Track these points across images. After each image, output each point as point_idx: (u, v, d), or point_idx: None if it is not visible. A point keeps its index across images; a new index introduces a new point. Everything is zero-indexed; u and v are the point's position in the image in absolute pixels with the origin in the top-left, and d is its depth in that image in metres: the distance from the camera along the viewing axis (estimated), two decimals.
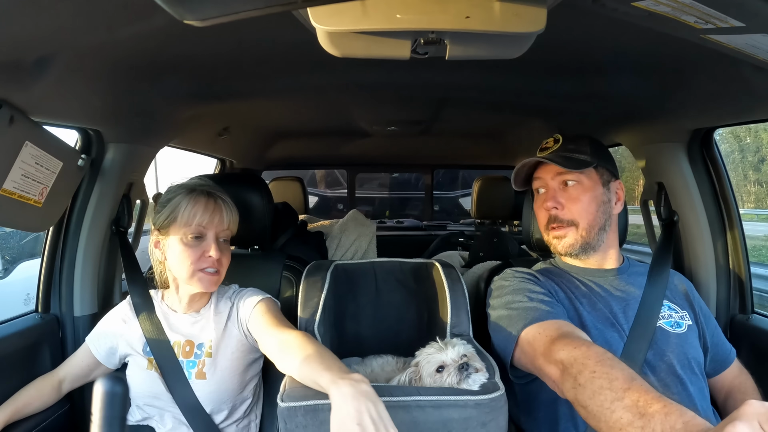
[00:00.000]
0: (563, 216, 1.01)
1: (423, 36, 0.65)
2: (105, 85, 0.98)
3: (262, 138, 2.36)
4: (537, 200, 1.06)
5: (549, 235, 1.04)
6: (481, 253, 1.81)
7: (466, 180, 3.83)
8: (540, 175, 1.04)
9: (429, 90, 1.38)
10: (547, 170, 1.03)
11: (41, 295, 1.21)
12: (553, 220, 1.02)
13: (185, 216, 0.98)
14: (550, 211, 1.02)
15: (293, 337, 0.88)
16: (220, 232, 1.02)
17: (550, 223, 1.02)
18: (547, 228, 1.04)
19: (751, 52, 0.69)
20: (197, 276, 0.99)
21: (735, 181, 1.39)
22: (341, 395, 0.67)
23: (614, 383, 0.63)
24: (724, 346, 1.07)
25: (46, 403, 1.04)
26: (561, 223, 1.01)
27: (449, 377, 0.82)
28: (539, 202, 1.05)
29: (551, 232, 1.03)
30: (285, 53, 1.03)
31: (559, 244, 1.03)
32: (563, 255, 1.05)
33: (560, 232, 1.01)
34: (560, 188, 1.02)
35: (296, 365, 0.80)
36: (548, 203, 1.01)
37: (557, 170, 1.02)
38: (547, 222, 1.03)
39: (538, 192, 1.06)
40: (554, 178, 1.03)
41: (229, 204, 1.04)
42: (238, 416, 1.05)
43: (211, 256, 0.98)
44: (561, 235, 1.02)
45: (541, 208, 1.04)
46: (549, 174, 1.03)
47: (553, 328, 0.84)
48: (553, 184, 1.03)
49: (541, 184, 1.04)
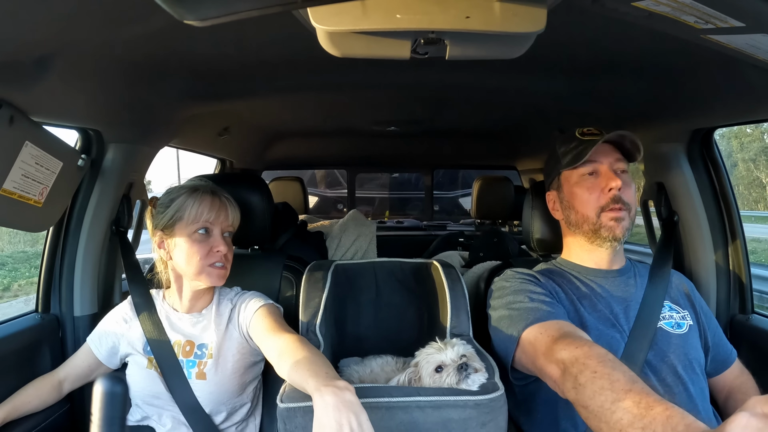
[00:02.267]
0: (624, 198, 1.00)
1: (423, 36, 0.65)
2: (105, 85, 0.98)
3: (262, 138, 2.36)
4: (587, 182, 1.02)
5: (606, 217, 1.00)
6: (481, 253, 1.81)
7: (466, 180, 3.83)
8: (598, 158, 1.01)
9: (429, 90, 1.38)
10: (606, 154, 1.01)
11: (41, 295, 1.20)
12: (617, 200, 0.99)
13: (192, 213, 1.00)
14: (614, 192, 0.99)
15: (288, 342, 0.87)
16: (225, 228, 1.04)
17: (612, 204, 0.99)
18: (605, 209, 1.00)
19: (751, 52, 0.69)
20: (206, 271, 1.01)
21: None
22: (323, 404, 0.66)
23: (615, 384, 0.62)
24: (725, 346, 1.07)
25: (45, 402, 1.04)
26: (623, 205, 0.99)
27: (448, 377, 0.81)
28: (591, 184, 1.01)
29: (610, 214, 0.99)
30: (285, 53, 1.03)
31: (617, 227, 1.00)
32: (616, 241, 1.01)
33: (621, 213, 0.99)
34: (616, 174, 1.01)
35: (287, 370, 0.79)
36: (616, 182, 0.98)
37: (617, 156, 1.01)
38: (606, 203, 1.00)
39: (589, 175, 1.02)
40: (613, 163, 1.01)
41: (232, 202, 1.07)
42: (238, 419, 1.05)
43: (219, 251, 1.01)
44: (621, 217, 0.99)
45: (596, 191, 1.01)
46: (609, 158, 1.01)
47: (555, 328, 0.84)
48: (609, 169, 1.01)
49: (595, 168, 1.02)
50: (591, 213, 1.01)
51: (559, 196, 1.09)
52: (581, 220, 1.03)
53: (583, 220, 1.02)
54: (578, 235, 1.06)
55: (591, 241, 1.04)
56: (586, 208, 1.02)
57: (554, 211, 1.12)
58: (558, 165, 1.07)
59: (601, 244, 1.03)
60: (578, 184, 1.03)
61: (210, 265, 1.01)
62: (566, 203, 1.06)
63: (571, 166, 1.02)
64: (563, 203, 1.08)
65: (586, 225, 1.02)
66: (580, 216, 1.03)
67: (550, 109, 1.66)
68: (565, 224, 1.10)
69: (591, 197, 1.01)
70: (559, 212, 1.10)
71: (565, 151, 1.05)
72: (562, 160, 1.05)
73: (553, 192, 1.12)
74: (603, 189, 1.00)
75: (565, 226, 1.11)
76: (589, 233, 1.03)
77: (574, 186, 1.04)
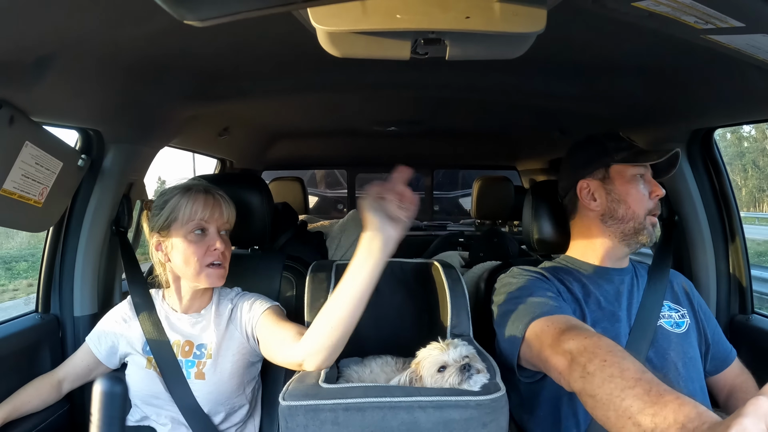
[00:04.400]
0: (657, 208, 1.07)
1: (423, 36, 0.65)
2: (105, 85, 0.98)
3: (262, 138, 2.36)
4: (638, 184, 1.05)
5: (650, 221, 1.05)
6: (481, 254, 1.82)
7: (466, 180, 3.83)
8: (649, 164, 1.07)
9: (429, 90, 1.38)
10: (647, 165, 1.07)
11: (41, 295, 1.20)
12: (658, 208, 1.07)
13: (186, 213, 0.99)
14: (657, 198, 1.06)
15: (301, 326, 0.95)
16: (221, 226, 1.04)
17: (654, 210, 1.05)
18: (650, 213, 1.05)
19: (751, 52, 0.69)
20: (205, 272, 1.00)
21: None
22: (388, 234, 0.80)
23: (626, 372, 0.62)
24: (724, 344, 1.07)
25: (45, 402, 1.04)
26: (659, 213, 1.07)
27: (451, 377, 0.81)
28: (642, 186, 1.05)
29: (652, 219, 1.05)
30: (285, 53, 1.03)
31: (654, 231, 1.06)
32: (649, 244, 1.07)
33: (656, 220, 1.07)
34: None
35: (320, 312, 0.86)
36: (661, 191, 1.05)
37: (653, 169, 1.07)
38: (653, 208, 1.05)
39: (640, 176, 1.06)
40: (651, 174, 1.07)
41: (227, 199, 1.06)
42: (237, 420, 1.05)
43: (216, 249, 1.00)
44: (655, 223, 1.06)
45: (646, 193, 1.05)
46: (649, 169, 1.07)
47: (562, 321, 0.84)
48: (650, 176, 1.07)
49: (644, 172, 1.06)
50: (641, 212, 1.03)
51: (604, 187, 1.06)
52: (630, 216, 1.04)
53: (632, 217, 1.04)
54: (612, 230, 1.05)
55: (624, 238, 1.05)
56: (639, 206, 1.03)
57: (589, 200, 1.07)
58: (606, 157, 1.06)
59: (629, 244, 1.05)
60: (633, 182, 1.05)
61: (208, 265, 1.00)
62: (616, 196, 1.05)
63: (632, 163, 1.05)
64: (611, 195, 1.05)
65: (632, 222, 1.04)
66: (630, 212, 1.04)
67: (550, 109, 1.66)
68: (600, 216, 1.06)
69: (644, 197, 1.05)
70: (598, 203, 1.06)
71: (617, 147, 1.06)
72: (614, 154, 1.06)
73: (594, 181, 1.07)
74: (650, 193, 1.05)
75: (594, 218, 1.07)
76: (630, 231, 1.04)
77: (629, 182, 1.05)
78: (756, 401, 0.44)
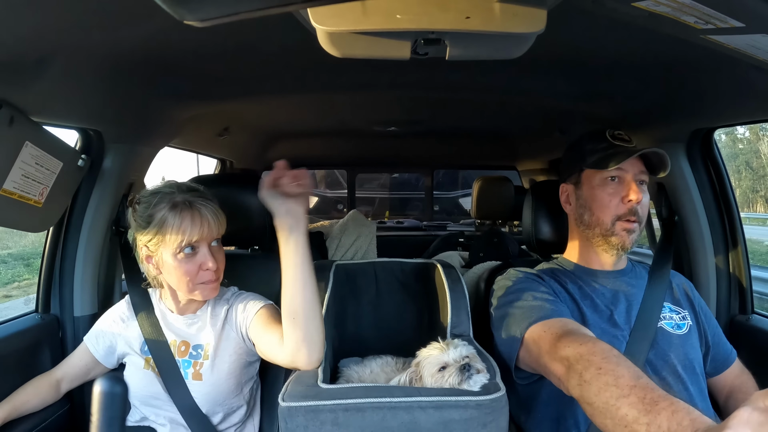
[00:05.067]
0: (640, 211, 1.01)
1: (423, 36, 0.65)
2: (105, 85, 0.98)
3: (262, 138, 2.36)
4: (608, 187, 1.02)
5: (620, 227, 1.01)
6: (481, 254, 1.81)
7: (466, 180, 3.83)
8: (624, 166, 1.01)
9: (429, 90, 1.38)
10: (633, 164, 1.01)
11: (41, 295, 1.20)
12: (633, 213, 1.00)
13: (173, 235, 0.94)
14: (632, 204, 1.00)
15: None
16: (212, 240, 0.99)
17: (628, 216, 1.00)
18: (620, 219, 1.01)
19: (751, 52, 0.69)
20: (198, 288, 0.98)
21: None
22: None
23: (620, 380, 0.62)
24: (724, 346, 1.07)
25: (44, 401, 1.04)
26: (637, 218, 1.01)
27: (451, 378, 0.81)
28: (612, 190, 1.01)
29: (625, 224, 1.01)
30: (285, 53, 1.03)
31: (627, 238, 1.01)
32: (623, 250, 1.03)
33: (633, 226, 1.01)
34: (637, 185, 1.01)
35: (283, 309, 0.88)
36: (637, 196, 0.99)
37: (641, 168, 1.02)
38: (623, 214, 1.01)
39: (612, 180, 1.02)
40: (636, 174, 1.01)
41: (214, 208, 0.99)
42: (236, 420, 1.04)
43: (209, 269, 0.97)
44: (633, 229, 1.01)
45: (616, 198, 1.01)
46: (634, 168, 1.01)
47: (558, 325, 0.84)
48: (631, 178, 1.01)
49: (619, 174, 1.01)
50: (607, 219, 1.01)
51: (576, 192, 1.08)
52: (595, 222, 1.03)
53: (597, 224, 1.02)
54: (587, 235, 1.06)
55: (598, 244, 1.04)
56: (604, 213, 1.02)
57: (566, 204, 1.11)
58: (581, 161, 1.05)
59: (607, 249, 1.03)
60: (600, 187, 1.02)
61: (201, 283, 0.98)
62: (583, 202, 1.05)
63: (599, 168, 1.02)
64: (579, 201, 1.06)
65: (598, 228, 1.02)
66: (594, 219, 1.03)
67: (551, 109, 1.66)
68: (574, 221, 1.09)
69: (611, 203, 1.01)
70: (572, 207, 1.09)
71: (592, 150, 1.04)
72: (588, 158, 1.04)
73: (569, 186, 1.09)
74: (623, 198, 1.00)
75: (573, 223, 1.10)
76: (599, 237, 1.03)
77: (596, 188, 1.03)
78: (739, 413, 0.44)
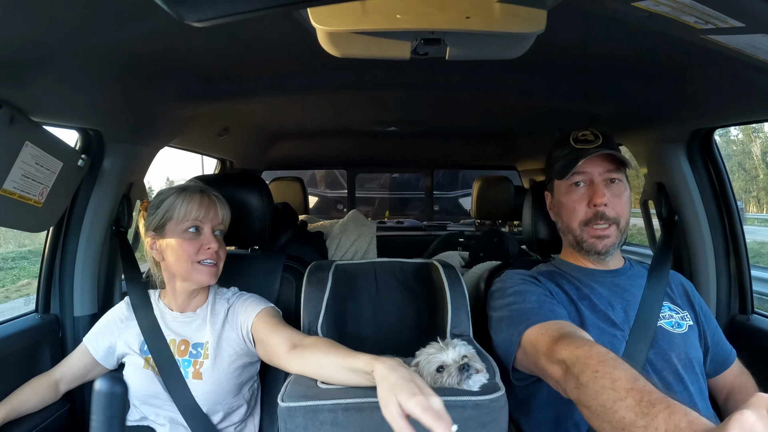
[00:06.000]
0: (609, 213, 0.97)
1: (423, 36, 0.65)
2: (105, 85, 0.98)
3: (262, 138, 2.36)
4: (574, 194, 1.00)
5: (587, 234, 0.99)
6: (481, 254, 1.81)
7: (466, 180, 3.83)
8: (586, 168, 0.98)
9: (429, 90, 1.38)
10: (596, 164, 0.98)
11: (41, 295, 1.20)
12: (600, 217, 0.97)
13: (181, 212, 1.00)
14: (598, 209, 0.96)
15: (304, 336, 0.94)
16: (216, 226, 1.04)
17: (594, 221, 0.97)
18: (588, 225, 0.99)
19: (751, 52, 0.69)
20: (197, 269, 1.00)
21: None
22: (389, 366, 0.71)
23: (617, 383, 0.62)
24: (724, 346, 1.07)
25: (43, 401, 1.04)
26: (607, 221, 0.98)
27: (450, 377, 0.81)
28: (577, 196, 0.99)
29: (592, 231, 0.98)
30: (285, 53, 1.03)
31: (600, 244, 0.98)
32: (600, 255, 1.00)
33: (604, 231, 0.98)
34: (605, 185, 0.98)
35: (318, 357, 0.84)
36: (600, 199, 0.95)
37: (607, 166, 0.98)
38: (589, 219, 0.98)
39: (577, 185, 1.00)
40: (602, 174, 0.98)
41: (222, 200, 1.07)
42: (236, 420, 1.05)
43: (210, 248, 1.01)
44: (604, 234, 0.98)
45: (581, 203, 0.99)
46: (598, 168, 0.98)
47: (555, 328, 0.84)
48: (599, 179, 0.98)
49: (584, 178, 0.99)
50: (575, 225, 1.02)
51: (552, 200, 1.11)
52: (566, 229, 1.05)
53: (568, 231, 1.04)
54: (565, 241, 1.09)
55: (576, 250, 1.05)
56: (571, 219, 1.02)
57: (550, 210, 1.14)
58: (551, 170, 1.08)
59: (585, 255, 1.04)
60: (566, 194, 1.02)
61: (200, 261, 1.01)
62: (556, 210, 1.09)
63: (559, 178, 1.02)
64: (554, 209, 1.10)
65: (570, 235, 1.04)
66: (565, 226, 1.05)
67: (551, 109, 1.66)
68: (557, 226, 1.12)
69: (577, 209, 1.00)
70: (552, 214, 1.12)
71: (557, 157, 1.04)
72: (555, 166, 1.05)
73: (548, 193, 1.13)
74: (589, 202, 0.98)
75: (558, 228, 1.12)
76: (573, 243, 1.05)
77: (562, 195, 1.04)
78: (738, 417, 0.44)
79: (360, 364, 0.76)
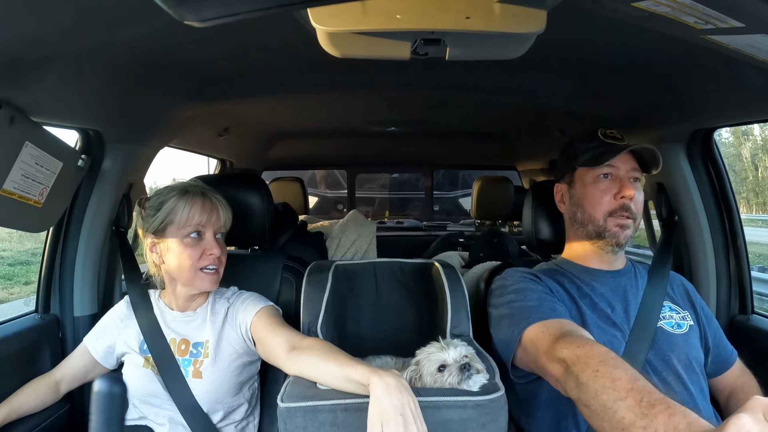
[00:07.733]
0: (633, 208, 1.01)
1: (423, 36, 0.65)
2: (105, 85, 0.98)
3: (262, 138, 2.36)
4: (600, 184, 1.03)
5: (612, 223, 1.02)
6: (481, 254, 1.81)
7: (466, 180, 3.82)
8: (617, 163, 1.02)
9: (429, 90, 1.38)
10: (624, 161, 1.02)
11: (41, 295, 1.20)
12: (626, 209, 1.01)
13: (183, 217, 0.99)
14: (625, 201, 1.00)
15: (303, 338, 0.92)
16: (218, 229, 1.03)
17: (620, 212, 1.01)
18: (613, 215, 1.02)
19: (751, 52, 0.69)
20: (199, 276, 1.00)
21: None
22: (385, 386, 0.70)
23: (617, 383, 0.62)
24: (725, 347, 1.07)
25: (43, 402, 1.04)
26: (630, 214, 1.01)
27: (450, 377, 0.81)
28: (604, 186, 1.02)
29: (617, 220, 1.01)
30: (285, 54, 1.03)
31: (621, 234, 1.02)
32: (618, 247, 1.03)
33: (627, 222, 1.01)
34: (630, 182, 1.02)
35: (315, 362, 0.83)
36: (630, 192, 1.00)
37: (633, 165, 1.02)
38: (614, 210, 1.01)
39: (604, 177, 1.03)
40: (629, 171, 1.02)
41: (223, 202, 1.06)
42: (237, 419, 1.05)
43: (212, 254, 1.00)
44: (626, 225, 1.02)
45: (608, 194, 1.02)
46: (626, 165, 1.02)
47: (556, 326, 0.84)
48: (625, 175, 1.02)
49: (611, 171, 1.02)
50: (599, 215, 1.02)
51: (569, 191, 1.09)
52: (587, 220, 1.04)
53: (589, 221, 1.03)
54: (581, 233, 1.06)
55: (593, 242, 1.04)
56: (595, 209, 1.03)
57: (560, 203, 1.12)
58: (574, 160, 1.07)
59: (602, 247, 1.04)
60: (593, 184, 1.03)
61: (202, 269, 1.00)
62: (576, 200, 1.06)
63: (590, 166, 1.03)
64: (572, 199, 1.08)
65: (591, 225, 1.03)
66: (587, 216, 1.04)
67: (551, 110, 1.66)
68: (569, 220, 1.10)
69: (602, 200, 1.02)
70: (566, 206, 1.10)
71: (584, 149, 1.05)
72: (580, 156, 1.05)
73: (563, 185, 1.11)
74: (615, 194, 1.01)
75: (568, 222, 1.11)
76: (593, 234, 1.04)
77: (588, 185, 1.04)
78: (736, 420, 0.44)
79: (357, 376, 0.75)
